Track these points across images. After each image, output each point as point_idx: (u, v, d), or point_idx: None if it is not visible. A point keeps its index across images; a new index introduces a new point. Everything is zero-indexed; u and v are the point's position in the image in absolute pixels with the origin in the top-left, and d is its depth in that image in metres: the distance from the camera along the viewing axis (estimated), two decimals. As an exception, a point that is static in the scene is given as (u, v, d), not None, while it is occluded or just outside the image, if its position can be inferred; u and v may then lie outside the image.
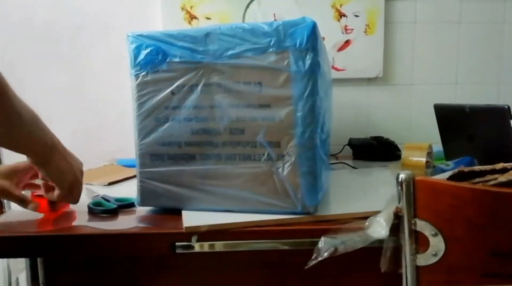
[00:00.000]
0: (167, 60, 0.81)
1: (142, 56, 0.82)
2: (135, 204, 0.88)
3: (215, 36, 0.79)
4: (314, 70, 0.77)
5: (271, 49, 0.77)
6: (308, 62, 0.76)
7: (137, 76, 0.83)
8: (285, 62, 0.77)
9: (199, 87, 0.81)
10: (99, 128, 1.44)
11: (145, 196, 0.86)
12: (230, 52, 0.79)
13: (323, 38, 0.91)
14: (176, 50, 0.81)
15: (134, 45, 0.83)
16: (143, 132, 0.84)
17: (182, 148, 0.83)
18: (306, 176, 0.79)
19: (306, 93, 0.77)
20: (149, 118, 0.84)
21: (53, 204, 0.86)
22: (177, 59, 0.81)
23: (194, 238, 0.76)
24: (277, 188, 0.80)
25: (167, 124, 0.83)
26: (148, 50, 0.82)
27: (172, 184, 0.84)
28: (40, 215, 0.86)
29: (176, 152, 0.83)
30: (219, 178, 0.82)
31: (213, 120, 0.81)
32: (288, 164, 0.79)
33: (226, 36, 0.79)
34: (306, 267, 0.70)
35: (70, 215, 0.89)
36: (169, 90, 0.82)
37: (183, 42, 0.81)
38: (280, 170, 0.79)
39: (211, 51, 0.79)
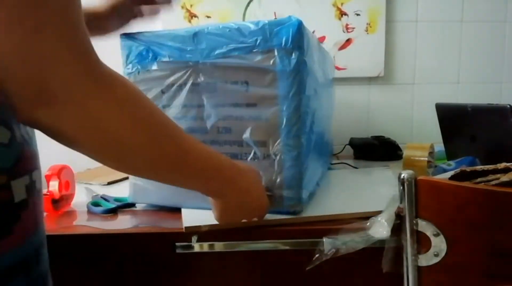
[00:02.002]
0: (157, 60, 0.82)
1: (133, 56, 0.83)
2: (129, 200, 0.90)
3: (203, 36, 0.79)
4: (300, 69, 0.76)
5: (257, 49, 0.76)
6: (293, 61, 0.75)
7: (129, 75, 0.84)
8: (271, 61, 0.76)
9: (187, 86, 0.81)
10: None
11: (137, 192, 0.88)
12: (217, 51, 0.78)
13: (324, 37, 0.90)
14: (166, 50, 0.81)
15: (126, 45, 0.84)
16: None
17: None
18: (291, 175, 0.79)
19: (291, 93, 0.76)
20: None
21: (56, 203, 0.86)
22: (166, 59, 0.81)
23: (194, 238, 0.76)
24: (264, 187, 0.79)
25: None
26: (138, 50, 0.83)
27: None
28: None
29: None
30: None
31: (200, 119, 0.81)
32: (273, 163, 0.78)
33: (213, 36, 0.78)
34: (308, 268, 0.70)
35: (69, 215, 0.88)
36: (159, 89, 0.82)
37: (172, 42, 0.81)
38: (266, 169, 0.79)
39: (199, 50, 0.79)
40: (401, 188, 0.69)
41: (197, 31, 0.79)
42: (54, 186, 0.86)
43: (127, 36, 0.84)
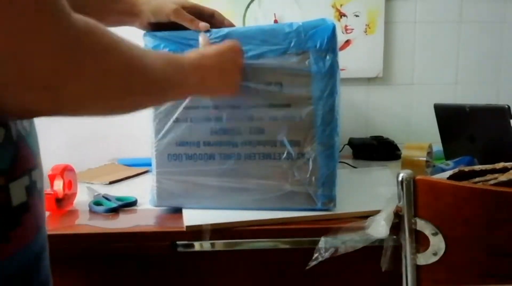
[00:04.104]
0: None
1: None
2: (150, 204, 0.87)
3: (234, 37, 0.79)
4: (334, 70, 0.78)
5: (291, 50, 0.78)
6: (328, 63, 0.77)
7: None
8: (306, 63, 0.78)
9: None
10: (100, 127, 1.44)
11: (162, 196, 0.86)
12: (250, 53, 0.79)
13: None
14: None
15: (151, 45, 0.82)
16: (161, 132, 0.84)
17: (201, 148, 0.83)
18: (326, 174, 0.80)
19: (326, 93, 0.78)
20: (167, 118, 0.83)
21: (59, 202, 0.87)
22: None
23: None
24: (297, 185, 0.80)
25: (185, 124, 0.83)
26: (166, 50, 0.81)
27: (190, 184, 0.84)
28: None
29: (195, 152, 0.83)
30: (239, 176, 0.82)
31: (233, 120, 0.82)
32: (308, 162, 0.80)
33: (246, 37, 0.79)
34: (307, 268, 0.71)
35: (71, 214, 0.89)
36: None
37: None
38: (299, 168, 0.80)
39: None
40: (400, 187, 0.70)
41: (228, 32, 0.80)
42: (58, 185, 0.87)
43: (153, 35, 0.83)
